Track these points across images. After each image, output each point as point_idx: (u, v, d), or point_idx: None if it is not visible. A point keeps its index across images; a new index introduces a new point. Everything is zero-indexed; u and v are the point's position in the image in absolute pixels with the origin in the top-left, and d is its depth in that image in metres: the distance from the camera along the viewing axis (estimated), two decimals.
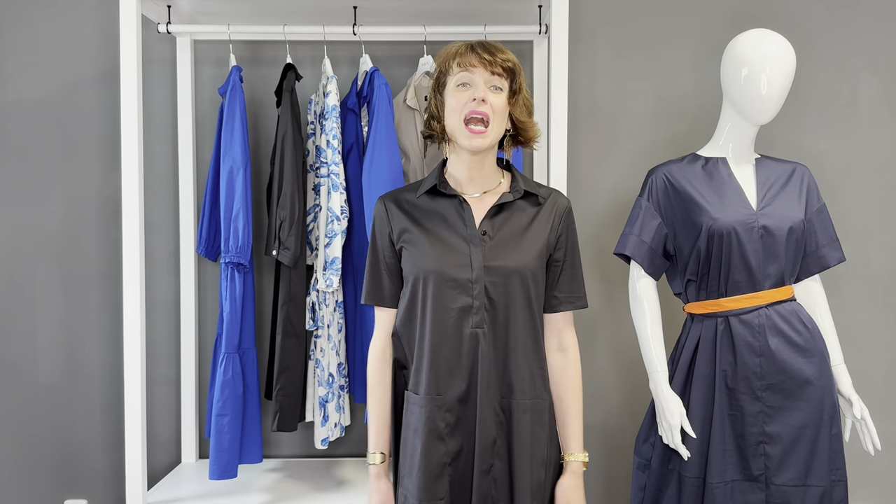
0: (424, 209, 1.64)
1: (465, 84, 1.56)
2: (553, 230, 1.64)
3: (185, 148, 2.41)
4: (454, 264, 1.57)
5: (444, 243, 1.59)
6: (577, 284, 1.68)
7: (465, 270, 1.57)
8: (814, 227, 1.98)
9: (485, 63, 1.54)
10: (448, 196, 1.64)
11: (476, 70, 1.55)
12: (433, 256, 1.59)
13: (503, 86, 1.57)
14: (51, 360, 2.49)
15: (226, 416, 2.07)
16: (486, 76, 1.55)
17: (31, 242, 2.48)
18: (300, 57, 2.40)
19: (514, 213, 1.63)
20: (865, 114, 2.49)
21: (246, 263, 2.11)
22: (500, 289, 1.57)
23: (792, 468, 1.84)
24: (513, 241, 1.60)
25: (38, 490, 2.50)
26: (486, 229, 1.60)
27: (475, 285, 1.57)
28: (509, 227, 1.61)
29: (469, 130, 1.55)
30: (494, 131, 1.57)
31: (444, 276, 1.57)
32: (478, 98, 1.53)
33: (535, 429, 1.59)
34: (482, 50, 1.56)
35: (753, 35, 1.92)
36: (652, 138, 2.49)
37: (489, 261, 1.57)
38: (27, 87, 2.47)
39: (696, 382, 1.90)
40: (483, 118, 1.54)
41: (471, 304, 1.57)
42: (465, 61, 1.55)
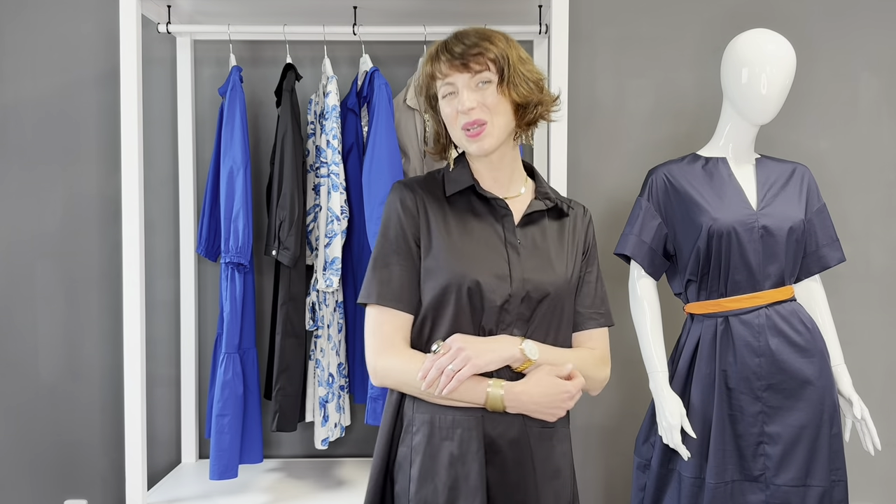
0: (453, 209, 1.45)
1: (451, 93, 1.40)
2: (580, 241, 1.50)
3: (185, 148, 2.41)
4: (496, 275, 1.39)
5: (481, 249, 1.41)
6: (604, 299, 1.52)
7: (504, 283, 1.39)
8: (814, 227, 1.98)
9: (457, 67, 1.37)
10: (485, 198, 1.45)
11: (453, 76, 1.38)
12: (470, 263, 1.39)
13: (490, 78, 1.38)
14: (51, 360, 2.49)
15: (226, 416, 2.07)
16: (465, 78, 1.37)
17: (31, 242, 2.48)
18: (300, 57, 2.40)
19: (543, 224, 1.48)
20: (865, 114, 2.49)
21: (246, 263, 2.11)
22: (533, 305, 1.41)
23: (792, 468, 1.84)
24: (546, 256, 1.44)
25: (38, 490, 2.50)
26: (521, 239, 1.44)
27: (513, 299, 1.39)
28: (540, 240, 1.46)
29: (468, 136, 1.39)
30: (497, 127, 1.39)
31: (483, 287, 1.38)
32: (462, 110, 1.37)
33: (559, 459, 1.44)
34: (448, 53, 1.38)
35: (754, 35, 1.92)
36: (652, 138, 2.49)
37: (527, 273, 1.41)
38: (27, 87, 2.46)
39: (696, 382, 1.90)
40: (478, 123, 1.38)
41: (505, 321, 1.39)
42: (438, 70, 1.39)
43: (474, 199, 1.46)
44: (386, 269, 1.42)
